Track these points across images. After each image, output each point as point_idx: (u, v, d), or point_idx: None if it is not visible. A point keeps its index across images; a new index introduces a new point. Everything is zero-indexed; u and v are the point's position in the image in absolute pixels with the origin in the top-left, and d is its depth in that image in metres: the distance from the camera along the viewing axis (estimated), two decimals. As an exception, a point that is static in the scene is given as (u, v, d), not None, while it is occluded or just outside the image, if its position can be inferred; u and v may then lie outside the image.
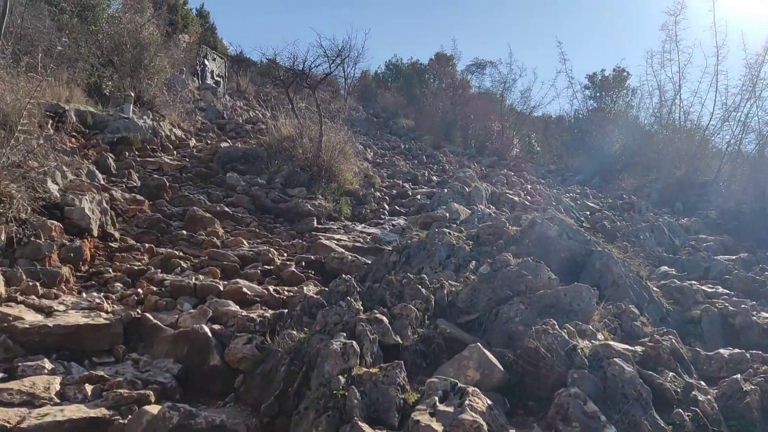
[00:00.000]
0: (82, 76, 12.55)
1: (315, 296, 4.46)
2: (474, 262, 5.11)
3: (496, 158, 21.52)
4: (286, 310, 5.05)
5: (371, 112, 29.41)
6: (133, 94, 12.96)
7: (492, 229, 5.67)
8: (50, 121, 9.95)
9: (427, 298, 4.33)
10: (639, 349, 4.01)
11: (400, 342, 3.86)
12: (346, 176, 11.82)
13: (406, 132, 26.29)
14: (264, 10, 62.31)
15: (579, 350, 3.55)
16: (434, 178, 15.31)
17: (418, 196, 12.39)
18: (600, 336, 4.10)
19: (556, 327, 3.73)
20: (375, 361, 3.60)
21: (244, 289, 5.59)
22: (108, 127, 11.76)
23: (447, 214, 7.20)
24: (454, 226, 6.76)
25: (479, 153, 23.06)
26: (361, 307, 4.11)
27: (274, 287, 6.09)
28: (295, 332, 4.02)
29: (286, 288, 6.25)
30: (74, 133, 10.97)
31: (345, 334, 3.66)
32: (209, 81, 23.43)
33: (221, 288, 5.60)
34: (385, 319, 3.92)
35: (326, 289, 6.25)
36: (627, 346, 3.96)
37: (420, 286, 4.45)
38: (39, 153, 6.93)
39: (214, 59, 24.84)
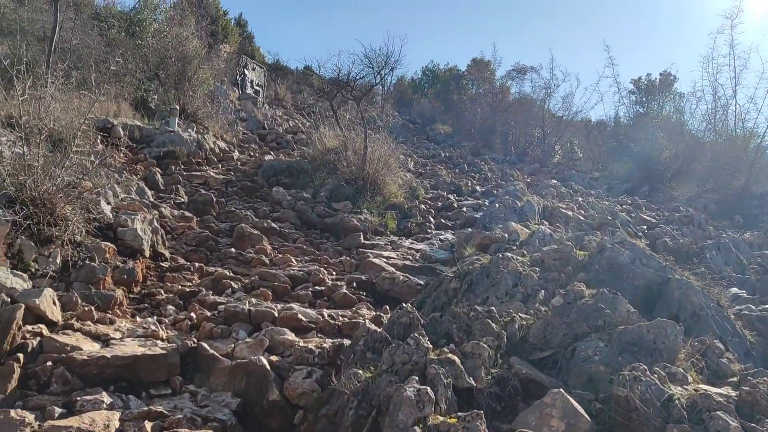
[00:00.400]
0: (129, 91, 12.67)
1: (378, 330, 4.25)
2: (543, 291, 4.83)
3: (538, 165, 21.12)
4: (345, 341, 4.86)
5: (407, 118, 29.24)
6: (178, 107, 13.03)
7: (558, 254, 5.38)
8: (100, 137, 10.05)
9: (499, 335, 4.07)
10: (733, 393, 3.67)
11: (474, 385, 3.61)
12: (390, 189, 11.62)
13: (444, 138, 26.02)
14: (299, 15, 62.77)
15: (676, 401, 3.25)
16: (478, 188, 15.00)
17: (464, 209, 12.12)
18: (689, 378, 3.78)
19: (648, 372, 3.43)
20: (449, 408, 3.37)
21: (299, 316, 5.41)
22: (154, 140, 11.83)
23: (506, 235, 6.91)
24: (515, 248, 6.47)
25: (520, 160, 22.66)
26: (429, 344, 3.87)
27: (328, 312, 5.90)
28: (360, 371, 3.80)
29: (339, 312, 6.06)
30: (122, 148, 11.05)
31: (417, 378, 3.44)
32: (249, 90, 23.57)
33: (276, 314, 5.44)
34: (457, 359, 3.68)
35: (380, 313, 6.07)
36: (721, 391, 3.64)
37: (490, 321, 4.19)
38: (92, 173, 6.91)
39: (253, 69, 25.02)
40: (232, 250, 7.99)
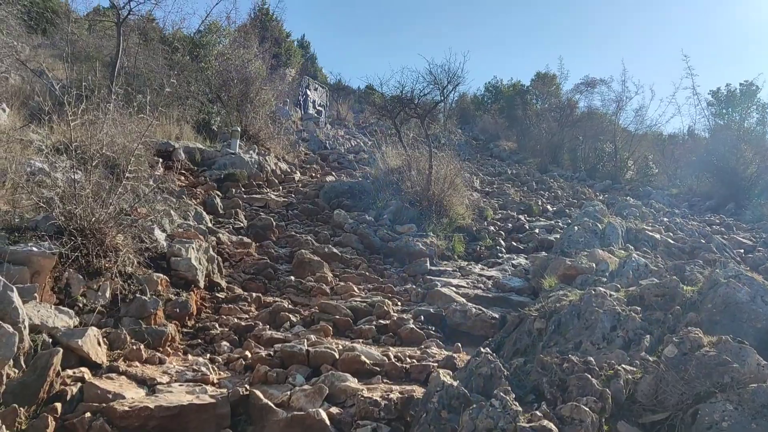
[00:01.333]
0: (191, 113, 12.63)
1: (454, 384, 3.62)
2: (648, 336, 4.09)
3: (610, 182, 20.10)
4: (416, 389, 4.27)
5: (470, 134, 28.68)
6: (239, 129, 12.89)
7: (661, 290, 4.61)
8: (160, 161, 9.93)
9: (602, 394, 3.37)
10: None
11: (576, 460, 2.94)
12: (457, 210, 11.00)
13: (509, 155, 25.31)
14: (361, 34, 63.15)
15: None
16: (549, 207, 14.16)
17: (536, 230, 11.34)
18: None
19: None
20: (548, 493, 2.71)
21: (363, 358, 4.85)
22: (215, 163, 11.68)
23: (593, 264, 6.15)
24: (604, 280, 5.72)
25: (590, 176, 21.70)
26: (518, 406, 3.23)
27: (394, 351, 5.33)
28: (435, 437, 3.20)
29: (407, 351, 5.47)
30: (183, 171, 10.96)
31: (507, 454, 2.80)
32: (311, 111, 23.56)
33: (336, 356, 4.89)
34: (554, 427, 3.02)
35: (452, 352, 5.44)
36: None
37: (589, 376, 3.51)
38: (148, 198, 6.65)
39: (315, 89, 25.04)
40: (292, 278, 7.56)
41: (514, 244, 10.57)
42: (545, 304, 4.78)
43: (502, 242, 10.49)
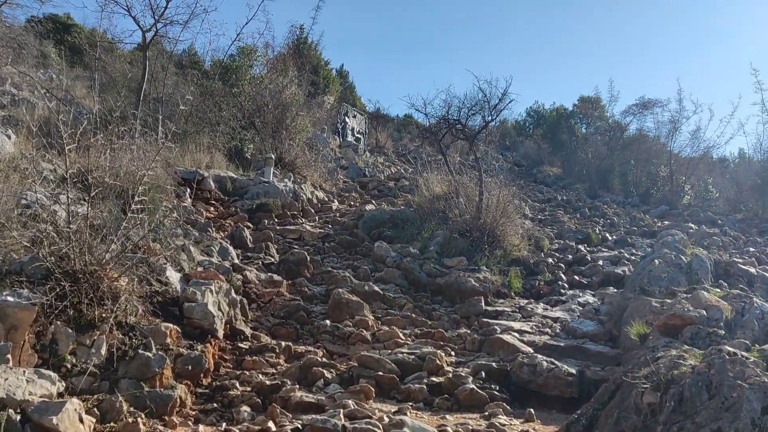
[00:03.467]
0: (223, 140, 11.92)
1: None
2: (818, 423, 2.94)
3: (666, 207, 18.71)
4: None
5: (511, 160, 27.64)
6: (273, 156, 12.12)
7: (814, 351, 3.46)
8: (188, 190, 9.19)
9: None
10: None
11: None
12: (511, 240, 9.88)
13: (553, 181, 24.10)
14: (399, 63, 62.48)
15: None
16: (608, 236, 12.90)
17: (600, 262, 10.12)
18: None
19: None
20: None
21: (416, 438, 3.80)
22: (248, 192, 10.89)
23: (702, 311, 4.93)
24: (721, 333, 4.53)
25: (643, 201, 20.36)
26: None
27: (453, 424, 4.25)
28: None
29: (468, 421, 4.38)
30: (213, 201, 10.20)
31: None
32: (350, 138, 22.93)
33: (382, 434, 3.85)
34: None
35: (528, 427, 4.33)
36: None
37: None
38: (162, 232, 5.79)
39: (354, 116, 24.43)
40: (327, 322, 6.57)
41: (576, 278, 9.39)
42: (655, 368, 3.63)
43: (563, 276, 9.32)
